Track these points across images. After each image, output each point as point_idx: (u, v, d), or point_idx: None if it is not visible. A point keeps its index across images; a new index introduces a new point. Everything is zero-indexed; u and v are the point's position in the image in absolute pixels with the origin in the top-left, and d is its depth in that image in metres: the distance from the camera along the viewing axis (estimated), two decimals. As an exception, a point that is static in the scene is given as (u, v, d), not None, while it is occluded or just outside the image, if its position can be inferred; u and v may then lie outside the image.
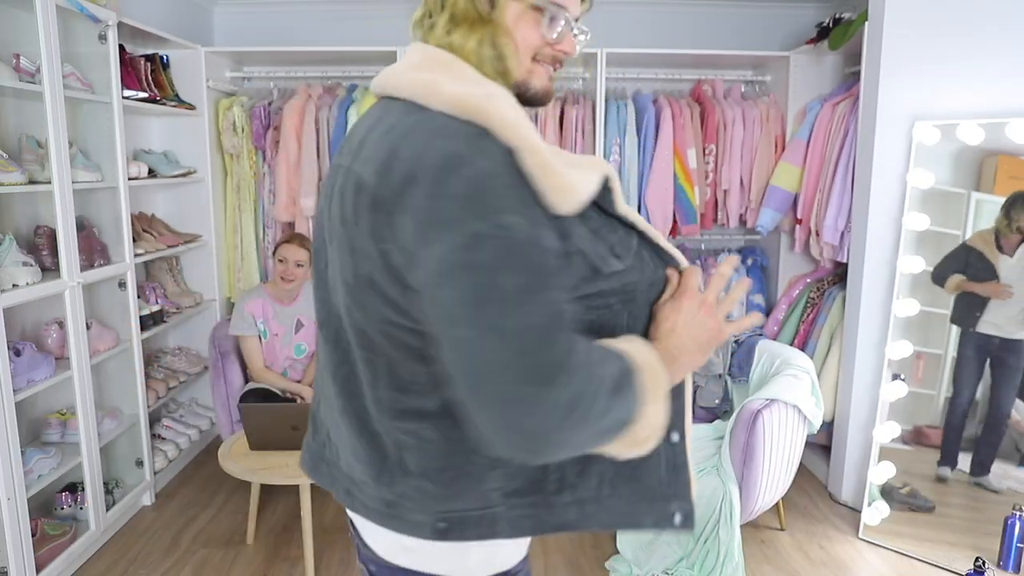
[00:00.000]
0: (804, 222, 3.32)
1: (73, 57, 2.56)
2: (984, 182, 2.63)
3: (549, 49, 0.91)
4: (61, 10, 2.33)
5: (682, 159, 3.49)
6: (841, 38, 3.07)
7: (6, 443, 2.08)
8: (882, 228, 2.80)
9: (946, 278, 2.68)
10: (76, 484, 2.57)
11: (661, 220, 3.52)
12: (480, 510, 0.87)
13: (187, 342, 3.66)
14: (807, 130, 3.28)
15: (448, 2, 0.89)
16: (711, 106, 3.52)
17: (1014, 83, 2.62)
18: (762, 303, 3.72)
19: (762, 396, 2.45)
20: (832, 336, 3.18)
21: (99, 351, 2.64)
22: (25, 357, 2.25)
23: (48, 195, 2.35)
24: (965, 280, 2.63)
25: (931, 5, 2.64)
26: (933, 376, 2.74)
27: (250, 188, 3.60)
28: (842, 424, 3.01)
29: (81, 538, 2.48)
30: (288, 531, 2.79)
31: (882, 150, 2.75)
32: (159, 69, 3.20)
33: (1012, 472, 2.56)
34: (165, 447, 3.18)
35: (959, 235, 2.67)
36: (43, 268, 2.40)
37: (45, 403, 2.56)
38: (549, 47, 0.91)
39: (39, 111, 2.29)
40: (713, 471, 2.44)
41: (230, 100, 3.53)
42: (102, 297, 2.82)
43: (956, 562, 2.50)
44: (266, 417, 2.51)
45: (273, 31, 3.83)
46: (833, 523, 2.87)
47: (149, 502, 2.99)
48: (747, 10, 3.85)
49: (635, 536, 2.51)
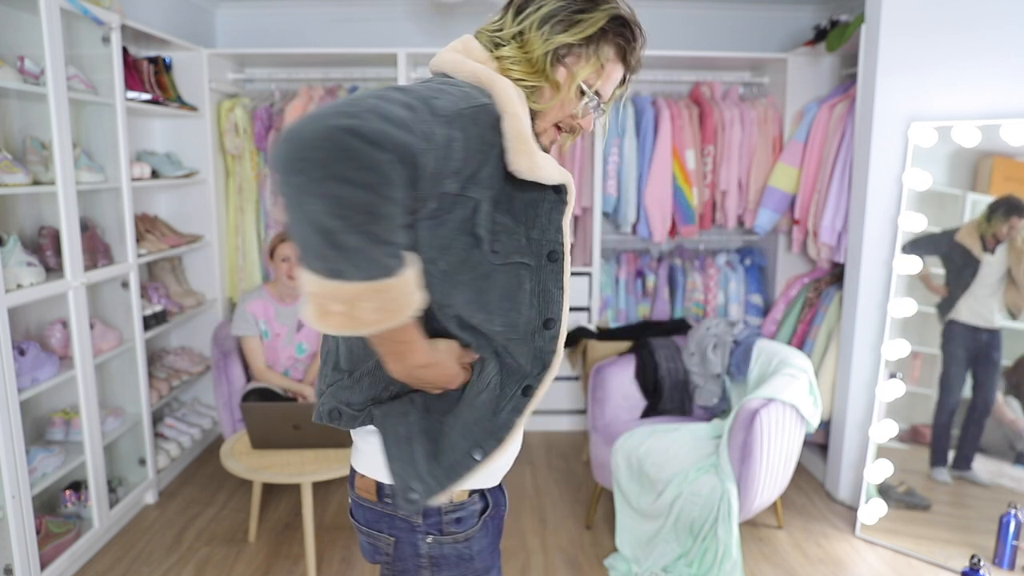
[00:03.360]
0: (801, 223, 3.34)
1: (77, 59, 2.59)
2: (980, 183, 2.65)
3: (570, 121, 1.08)
4: (65, 13, 2.35)
5: (681, 160, 3.52)
6: (838, 40, 3.09)
7: (11, 442, 2.09)
8: (879, 228, 2.82)
9: (919, 255, 2.73)
10: (80, 483, 2.59)
11: (660, 221, 3.54)
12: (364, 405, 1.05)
13: (189, 342, 3.69)
14: (804, 131, 3.30)
15: (525, 42, 1.02)
16: (709, 108, 3.54)
17: (1010, 85, 2.64)
18: (760, 303, 3.74)
19: (760, 395, 2.47)
20: (829, 336, 3.19)
21: (102, 351, 2.66)
22: (29, 357, 2.26)
23: (52, 196, 2.37)
24: (928, 273, 2.72)
25: (928, 7, 2.66)
26: (930, 375, 2.76)
27: (252, 189, 3.63)
28: (839, 423, 3.03)
29: (85, 536, 2.50)
30: (290, 529, 2.80)
31: (879, 151, 2.77)
32: (162, 71, 3.22)
33: (1007, 470, 2.58)
34: (168, 446, 3.20)
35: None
36: (47, 268, 2.43)
37: (49, 402, 2.58)
38: (571, 119, 1.08)
39: (43, 113, 2.31)
40: (711, 470, 2.46)
41: (232, 102, 3.56)
42: (105, 297, 2.84)
43: (952, 560, 2.52)
44: (268, 416, 2.52)
45: (275, 33, 3.85)
46: (830, 521, 2.89)
47: (152, 500, 3.01)
48: (745, 12, 3.88)
49: (634, 534, 2.53)
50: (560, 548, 2.69)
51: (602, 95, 1.07)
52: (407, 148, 0.74)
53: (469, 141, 0.87)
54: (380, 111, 0.75)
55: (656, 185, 3.49)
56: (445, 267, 0.95)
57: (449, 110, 0.84)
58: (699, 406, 3.06)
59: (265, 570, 2.53)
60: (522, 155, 0.93)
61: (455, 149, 0.84)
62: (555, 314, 1.03)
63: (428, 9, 3.75)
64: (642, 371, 3.08)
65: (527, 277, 1.01)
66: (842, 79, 3.46)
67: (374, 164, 0.72)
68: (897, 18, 2.68)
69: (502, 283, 0.98)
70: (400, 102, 0.78)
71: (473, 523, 1.10)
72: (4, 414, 2.07)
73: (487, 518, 1.13)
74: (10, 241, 2.22)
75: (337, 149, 0.71)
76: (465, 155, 0.87)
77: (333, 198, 0.72)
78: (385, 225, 0.75)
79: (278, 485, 3.13)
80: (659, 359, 3.08)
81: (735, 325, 3.07)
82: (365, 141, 0.71)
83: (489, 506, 1.13)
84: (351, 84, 3.71)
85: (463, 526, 1.09)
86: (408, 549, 1.09)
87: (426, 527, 1.08)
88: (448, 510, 1.08)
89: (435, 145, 0.80)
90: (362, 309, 0.79)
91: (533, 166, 0.94)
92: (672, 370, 3.07)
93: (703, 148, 3.57)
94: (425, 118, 0.79)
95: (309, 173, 0.71)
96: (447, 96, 0.87)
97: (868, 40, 2.80)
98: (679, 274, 3.75)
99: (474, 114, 0.89)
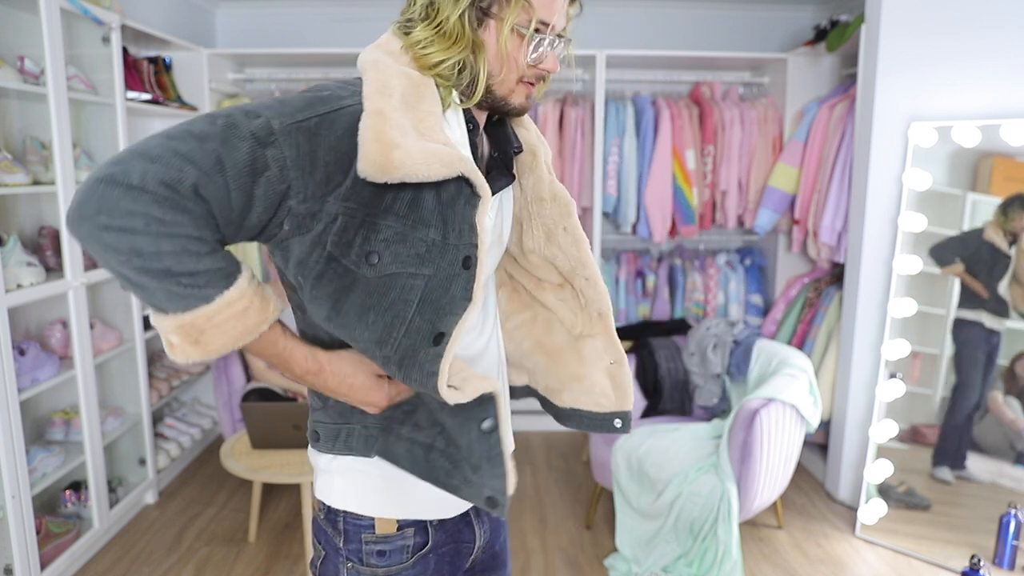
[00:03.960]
0: (801, 223, 3.34)
1: (77, 59, 2.59)
2: (980, 183, 2.65)
3: (532, 70, 0.96)
4: (65, 13, 2.35)
5: (681, 160, 3.52)
6: (838, 40, 3.09)
7: (11, 442, 2.09)
8: (879, 229, 2.82)
9: (948, 260, 2.69)
10: (80, 482, 2.59)
11: (660, 221, 3.54)
12: (339, 424, 1.01)
13: (189, 342, 3.68)
14: (804, 131, 3.30)
15: (436, 15, 0.90)
16: (709, 108, 3.54)
17: (1010, 85, 2.64)
18: (760, 303, 3.74)
19: (760, 395, 2.47)
20: (829, 336, 3.20)
21: (102, 351, 2.66)
22: (29, 357, 2.27)
23: (52, 196, 2.38)
24: (964, 270, 2.66)
25: (927, 7, 2.66)
26: (930, 375, 2.76)
27: (252, 189, 3.62)
28: (839, 423, 3.03)
29: (85, 536, 2.50)
30: (290, 529, 2.80)
31: (879, 151, 2.77)
32: (162, 71, 3.23)
33: (1007, 470, 2.58)
34: (168, 446, 3.20)
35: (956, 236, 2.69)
36: (47, 268, 2.43)
37: (49, 402, 2.58)
38: (532, 68, 0.95)
39: (43, 113, 2.32)
40: (711, 470, 2.46)
41: (232, 102, 3.55)
42: (105, 297, 2.84)
43: (952, 559, 2.52)
44: (267, 416, 2.52)
45: (275, 33, 3.85)
46: (830, 521, 2.89)
47: (152, 500, 3.01)
48: (745, 12, 3.88)
49: (634, 534, 2.53)
50: (560, 548, 2.69)
51: (550, 23, 0.93)
52: (176, 183, 0.75)
53: (306, 156, 0.82)
54: (146, 153, 0.76)
55: (656, 185, 3.49)
56: (308, 284, 0.89)
57: (273, 127, 0.80)
58: (699, 406, 3.06)
59: (265, 570, 2.53)
60: (364, 159, 0.83)
61: (286, 168, 0.81)
62: (447, 328, 0.89)
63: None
64: (642, 371, 3.08)
65: (416, 287, 0.88)
66: (842, 79, 3.46)
67: (131, 209, 0.74)
68: (897, 18, 2.68)
69: (368, 295, 0.88)
70: (192, 134, 0.79)
71: (401, 559, 1.01)
72: (4, 414, 2.07)
73: (426, 555, 1.03)
74: (10, 241, 2.22)
75: (97, 200, 0.74)
76: (301, 171, 0.82)
77: (106, 246, 0.75)
78: (169, 260, 0.76)
79: (278, 485, 3.13)
80: (659, 359, 3.08)
81: (735, 325, 3.07)
82: (121, 186, 0.74)
83: (429, 543, 1.03)
84: (351, 84, 3.71)
85: (386, 560, 1.01)
86: (331, 568, 1.04)
87: (347, 552, 1.02)
88: (370, 540, 1.01)
89: (237, 169, 0.78)
90: (206, 337, 0.81)
91: (387, 166, 0.82)
92: (672, 370, 3.07)
93: (703, 148, 3.57)
94: (216, 147, 0.78)
95: (81, 228, 0.75)
96: (285, 109, 0.83)
97: (868, 40, 2.80)
98: (679, 274, 3.75)
99: (316, 125, 0.83)
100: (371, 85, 0.88)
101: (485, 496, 0.96)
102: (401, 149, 0.83)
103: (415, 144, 0.84)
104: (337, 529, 1.02)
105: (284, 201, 0.82)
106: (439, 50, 0.90)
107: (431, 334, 0.88)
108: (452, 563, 1.07)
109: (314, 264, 0.87)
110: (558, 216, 1.08)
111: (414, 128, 0.86)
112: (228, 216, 0.80)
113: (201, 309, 0.79)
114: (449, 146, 0.88)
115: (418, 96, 0.89)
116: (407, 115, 0.87)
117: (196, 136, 0.78)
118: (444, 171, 0.85)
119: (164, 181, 0.75)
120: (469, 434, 0.95)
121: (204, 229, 0.78)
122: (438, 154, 0.85)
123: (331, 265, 0.86)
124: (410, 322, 0.88)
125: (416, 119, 0.87)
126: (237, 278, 0.81)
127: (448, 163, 0.85)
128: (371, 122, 0.84)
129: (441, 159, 0.85)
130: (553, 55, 0.96)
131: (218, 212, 0.79)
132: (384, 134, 0.83)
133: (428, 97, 0.90)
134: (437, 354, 0.87)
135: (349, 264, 0.86)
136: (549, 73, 0.98)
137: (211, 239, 0.79)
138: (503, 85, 0.95)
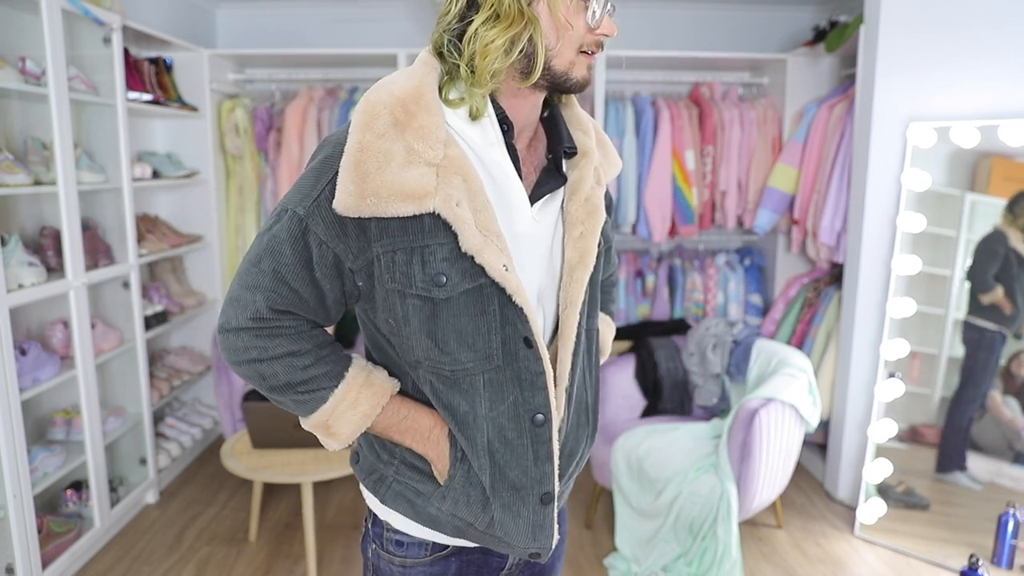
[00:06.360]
0: (801, 223, 3.35)
1: (78, 60, 2.59)
2: (979, 183, 2.66)
3: (592, 36, 0.92)
4: (66, 13, 2.36)
5: (680, 160, 3.52)
6: (837, 41, 3.10)
7: (12, 442, 2.10)
8: (878, 229, 2.83)
9: (988, 285, 2.63)
10: (81, 482, 2.60)
11: (660, 221, 3.54)
12: (377, 462, 1.03)
13: (190, 342, 3.69)
14: (804, 132, 3.31)
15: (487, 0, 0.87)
16: (709, 108, 3.54)
17: (1009, 85, 2.65)
18: (759, 303, 3.75)
19: (760, 395, 2.47)
20: (829, 336, 3.20)
21: (103, 351, 2.67)
22: (31, 356, 2.27)
23: (53, 196, 2.38)
24: (1004, 296, 2.62)
25: (926, 8, 2.67)
26: (929, 375, 2.77)
27: (252, 189, 3.63)
28: (838, 423, 3.04)
29: (86, 535, 2.50)
30: (290, 529, 2.81)
31: (878, 152, 2.78)
32: (163, 71, 3.23)
33: (1005, 470, 2.59)
34: (168, 446, 3.21)
35: (954, 236, 2.70)
36: (48, 268, 2.43)
37: (50, 402, 2.59)
38: (591, 34, 0.92)
39: (44, 113, 2.32)
40: (711, 469, 2.47)
41: (233, 102, 3.56)
42: (106, 297, 2.85)
43: (951, 559, 2.52)
44: (268, 416, 2.53)
45: (275, 34, 3.86)
46: (830, 521, 2.89)
47: (153, 500, 3.01)
48: (744, 13, 3.88)
49: (634, 534, 2.54)
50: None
51: None
52: (257, 314, 0.90)
53: (333, 224, 0.87)
54: (231, 298, 0.92)
55: (656, 185, 3.50)
56: (399, 326, 0.93)
57: (300, 215, 0.88)
58: (698, 406, 3.06)
59: (265, 570, 2.53)
60: (338, 195, 0.85)
61: (324, 243, 0.88)
62: (529, 332, 0.92)
63: (428, 9, 3.76)
64: (642, 371, 3.09)
65: (491, 296, 0.90)
66: (841, 79, 3.47)
67: (244, 346, 0.92)
68: (896, 19, 2.69)
69: (456, 317, 0.90)
70: (251, 261, 0.91)
71: (419, 554, 1.02)
72: (5, 414, 2.08)
73: (447, 558, 1.03)
74: (11, 241, 2.23)
75: (223, 348, 0.94)
76: (337, 238, 0.88)
77: (247, 378, 0.95)
78: (284, 377, 0.92)
79: (279, 485, 3.14)
80: (659, 359, 3.08)
81: (734, 325, 3.07)
82: (230, 332, 0.92)
83: (450, 550, 1.03)
84: (351, 84, 3.72)
85: (403, 552, 1.03)
86: (366, 545, 1.08)
87: (373, 534, 1.05)
88: (389, 528, 1.03)
89: (292, 271, 0.89)
90: (334, 428, 0.95)
91: (361, 205, 0.84)
92: (672, 370, 3.07)
93: (703, 148, 3.58)
94: (269, 263, 0.89)
95: (231, 370, 0.95)
96: (302, 191, 0.89)
97: (867, 41, 2.81)
98: (679, 274, 3.75)
99: (329, 193, 0.86)
100: (356, 119, 0.88)
101: (529, 553, 1.01)
102: (368, 186, 0.84)
103: (390, 176, 0.84)
104: (368, 509, 1.08)
105: (340, 267, 0.90)
106: (500, 33, 0.86)
107: (519, 338, 0.92)
108: (479, 571, 1.06)
109: (392, 305, 0.92)
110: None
111: (405, 150, 0.85)
112: (311, 308, 0.92)
113: (321, 409, 0.94)
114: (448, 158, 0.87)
115: (408, 115, 0.86)
116: (399, 139, 0.86)
117: (253, 262, 0.90)
118: (412, 208, 0.85)
119: (249, 316, 0.90)
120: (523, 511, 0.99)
121: (300, 341, 0.92)
122: (405, 189, 0.85)
123: (407, 301, 0.90)
124: (500, 329, 0.92)
125: (409, 140, 0.86)
126: (345, 376, 0.94)
127: (419, 198, 0.85)
128: (348, 159, 0.86)
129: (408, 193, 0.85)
130: (609, 19, 0.93)
131: (302, 312, 0.91)
132: (360, 167, 0.85)
133: (419, 113, 0.87)
134: (536, 356, 0.93)
135: (420, 292, 0.89)
136: (607, 38, 0.94)
137: (310, 347, 0.93)
138: (562, 58, 0.91)
